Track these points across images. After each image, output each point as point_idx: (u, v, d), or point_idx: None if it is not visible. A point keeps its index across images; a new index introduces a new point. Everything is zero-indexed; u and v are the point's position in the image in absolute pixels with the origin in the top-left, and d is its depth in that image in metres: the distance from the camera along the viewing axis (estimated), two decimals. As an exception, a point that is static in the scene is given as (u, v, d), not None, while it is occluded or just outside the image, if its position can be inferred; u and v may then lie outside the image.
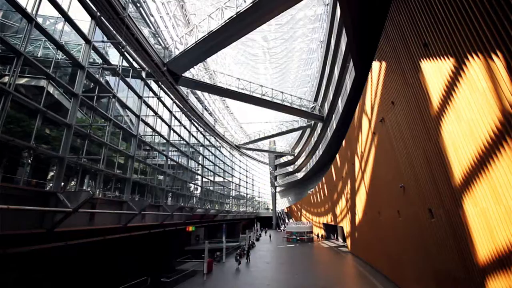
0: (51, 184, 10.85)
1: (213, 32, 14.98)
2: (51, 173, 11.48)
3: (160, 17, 19.84)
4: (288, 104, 25.24)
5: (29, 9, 9.22)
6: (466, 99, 5.48)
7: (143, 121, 17.62)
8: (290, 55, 34.64)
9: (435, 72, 6.41)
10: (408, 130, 8.44)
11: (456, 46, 5.47)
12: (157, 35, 18.40)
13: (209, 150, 34.34)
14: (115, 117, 14.66)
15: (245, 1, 13.60)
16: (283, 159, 62.29)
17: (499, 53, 4.51)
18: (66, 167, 11.12)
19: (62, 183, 11.74)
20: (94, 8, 12.07)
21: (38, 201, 9.56)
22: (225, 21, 14.25)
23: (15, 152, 10.28)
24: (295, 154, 54.67)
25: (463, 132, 5.71)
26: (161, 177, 21.33)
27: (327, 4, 19.73)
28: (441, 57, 6.05)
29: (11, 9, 9.55)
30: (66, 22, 10.79)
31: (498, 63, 4.55)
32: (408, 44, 7.37)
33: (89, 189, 14.30)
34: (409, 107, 8.11)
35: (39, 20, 9.96)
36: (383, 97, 10.12)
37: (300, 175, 53.16)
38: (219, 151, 40.06)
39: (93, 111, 12.70)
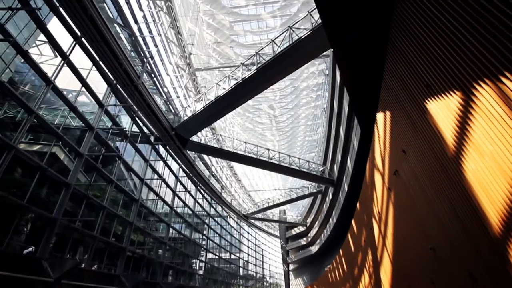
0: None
1: (220, 97, 16.29)
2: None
3: (173, 88, 21.90)
4: (296, 168, 24.92)
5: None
6: (483, 130, 4.97)
7: (146, 185, 17.28)
8: (296, 122, 36.38)
9: (443, 110, 6.10)
10: (426, 178, 7.65)
11: (460, 79, 5.28)
12: (168, 103, 19.84)
13: (215, 220, 32.62)
14: (118, 180, 14.42)
15: (249, 70, 15.19)
16: (294, 231, 57.72)
17: (507, 74, 4.24)
18: (59, 237, 10.42)
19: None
20: (111, 77, 13.35)
21: (21, 268, 8.54)
22: (231, 86, 15.71)
23: (10, 216, 9.84)
24: (307, 225, 50.91)
25: (488, 168, 4.98)
26: (160, 250, 19.68)
27: (327, 74, 21.62)
28: (447, 93, 5.82)
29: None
30: (83, 88, 11.78)
31: (510, 84, 4.23)
32: (409, 89, 7.31)
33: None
34: (422, 152, 7.54)
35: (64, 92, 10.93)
36: (393, 148, 9.66)
37: (314, 248, 48.28)
38: (226, 221, 38.00)
39: (95, 172, 12.59)
